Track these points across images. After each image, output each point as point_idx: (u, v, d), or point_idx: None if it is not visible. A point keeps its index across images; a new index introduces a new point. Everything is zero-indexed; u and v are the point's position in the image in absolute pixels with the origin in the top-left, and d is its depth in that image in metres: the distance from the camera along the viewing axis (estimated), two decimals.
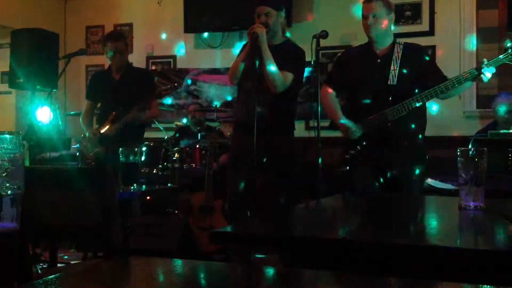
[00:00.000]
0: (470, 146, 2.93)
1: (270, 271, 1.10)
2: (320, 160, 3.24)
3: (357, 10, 5.55)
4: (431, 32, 5.31)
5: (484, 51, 5.21)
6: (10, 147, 0.74)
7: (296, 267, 1.28)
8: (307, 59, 3.54)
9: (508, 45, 3.05)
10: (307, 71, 3.82)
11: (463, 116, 5.22)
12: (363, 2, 3.30)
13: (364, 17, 3.27)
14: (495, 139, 3.21)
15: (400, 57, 3.24)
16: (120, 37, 4.37)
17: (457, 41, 5.22)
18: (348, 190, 3.18)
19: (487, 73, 3.04)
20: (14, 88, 5.70)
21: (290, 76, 3.47)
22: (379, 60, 3.28)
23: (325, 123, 3.37)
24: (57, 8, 6.76)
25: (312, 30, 3.57)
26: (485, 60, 3.06)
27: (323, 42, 3.43)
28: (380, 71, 3.25)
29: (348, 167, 3.27)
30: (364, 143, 3.23)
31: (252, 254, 3.58)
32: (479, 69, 3.05)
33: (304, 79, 3.75)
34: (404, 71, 3.21)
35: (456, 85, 3.09)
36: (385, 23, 3.27)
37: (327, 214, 1.87)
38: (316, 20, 5.68)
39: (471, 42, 5.24)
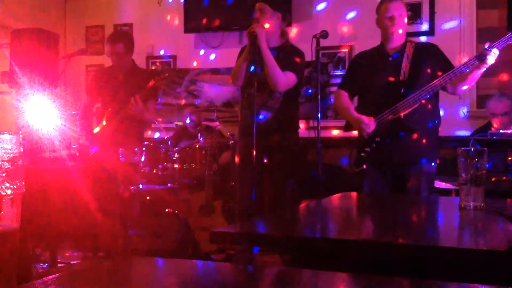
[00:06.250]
0: (470, 146, 2.93)
1: (270, 271, 1.10)
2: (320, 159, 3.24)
3: (357, 10, 5.57)
4: (431, 32, 5.31)
5: None
6: (10, 147, 0.74)
7: (296, 267, 1.28)
8: (307, 59, 3.54)
9: None
10: (306, 71, 3.82)
11: (463, 116, 5.21)
12: (385, 2, 3.28)
13: (388, 16, 3.25)
14: (495, 139, 3.21)
15: (411, 55, 3.24)
16: (118, 40, 4.27)
17: (457, 41, 5.22)
18: (356, 189, 3.18)
19: (493, 54, 3.01)
20: (14, 88, 5.69)
21: (292, 75, 3.46)
22: (390, 58, 3.29)
23: (325, 123, 3.37)
24: (57, 8, 6.76)
25: (312, 30, 3.57)
26: (487, 44, 3.06)
27: (323, 42, 3.42)
28: (391, 68, 3.26)
29: (365, 166, 3.27)
30: (378, 139, 3.23)
31: (254, 254, 3.58)
32: (483, 50, 3.03)
33: (303, 80, 3.75)
34: (415, 67, 3.22)
35: (464, 69, 3.07)
36: (406, 22, 3.28)
37: (327, 214, 1.87)
38: (316, 20, 5.68)
39: (471, 42, 5.23)
